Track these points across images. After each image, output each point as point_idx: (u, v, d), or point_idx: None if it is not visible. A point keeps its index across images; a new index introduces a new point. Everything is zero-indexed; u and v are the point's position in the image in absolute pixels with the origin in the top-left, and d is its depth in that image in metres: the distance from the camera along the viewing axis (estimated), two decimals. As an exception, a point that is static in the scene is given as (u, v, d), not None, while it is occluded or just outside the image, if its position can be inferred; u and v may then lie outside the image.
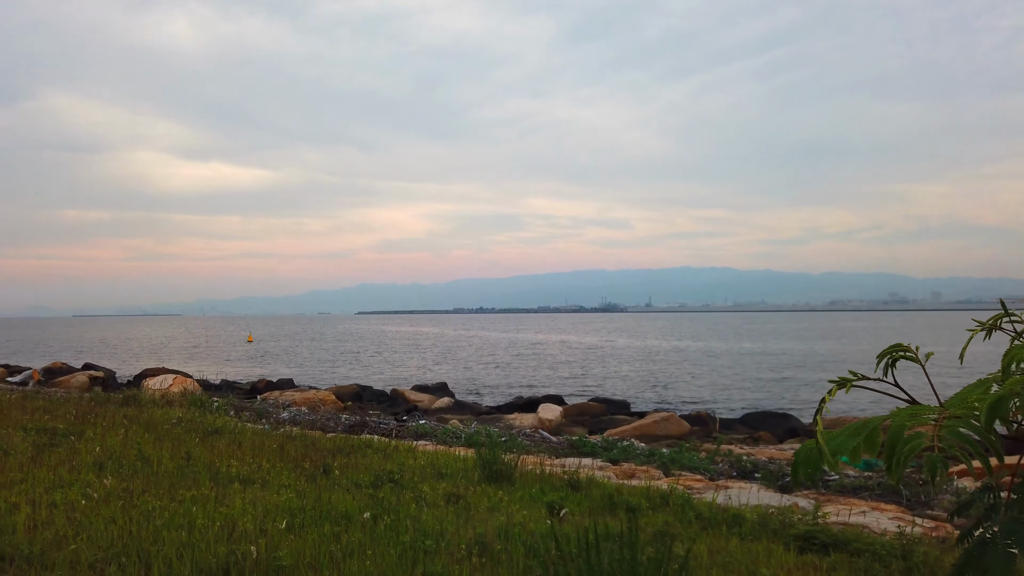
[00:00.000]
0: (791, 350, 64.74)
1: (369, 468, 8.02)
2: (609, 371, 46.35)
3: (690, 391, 35.14)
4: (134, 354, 71.35)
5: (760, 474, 10.34)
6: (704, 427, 22.22)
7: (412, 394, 29.82)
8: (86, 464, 6.98)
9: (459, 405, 26.96)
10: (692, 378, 40.98)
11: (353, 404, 28.52)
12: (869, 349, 64.52)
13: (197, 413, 14.61)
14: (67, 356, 66.29)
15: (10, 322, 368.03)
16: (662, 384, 38.35)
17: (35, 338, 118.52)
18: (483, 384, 40.21)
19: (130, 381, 41.40)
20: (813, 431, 2.67)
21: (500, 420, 23.45)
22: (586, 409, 25.41)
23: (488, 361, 55.95)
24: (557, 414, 22.26)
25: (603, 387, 37.70)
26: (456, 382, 39.15)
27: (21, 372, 40.03)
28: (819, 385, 36.29)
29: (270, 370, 51.29)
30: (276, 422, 16.71)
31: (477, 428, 13.95)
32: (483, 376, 44.41)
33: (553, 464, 10.57)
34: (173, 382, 31.66)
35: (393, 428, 14.08)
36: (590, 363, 53.08)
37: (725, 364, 50.26)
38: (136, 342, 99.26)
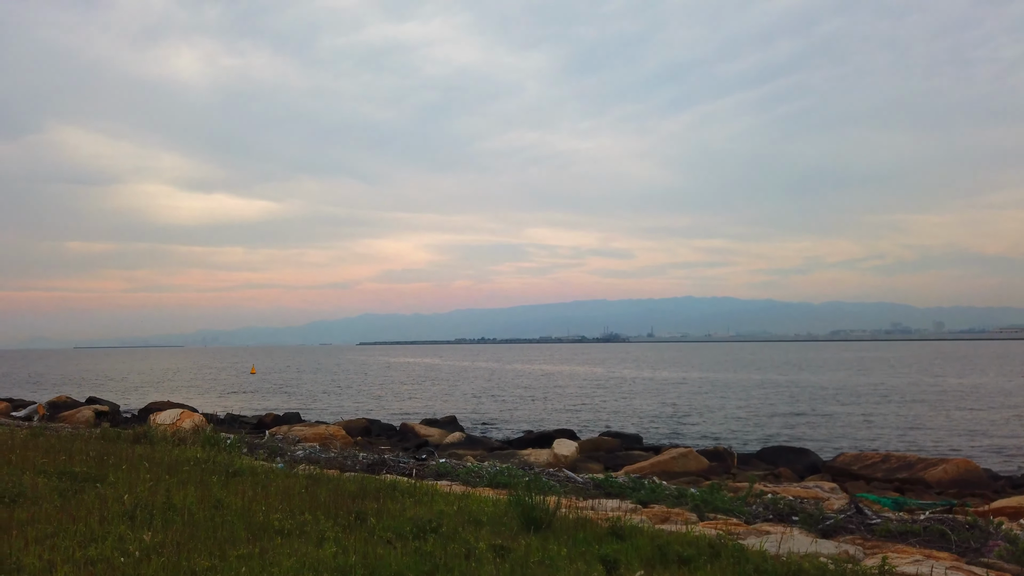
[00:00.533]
0: (800, 381, 64.26)
1: (404, 515, 7.75)
2: (618, 404, 45.91)
3: (702, 424, 34.73)
4: (137, 387, 70.94)
5: (798, 517, 10.03)
6: (722, 463, 21.84)
7: (422, 428, 29.45)
8: (116, 514, 6.72)
9: (471, 440, 26.57)
10: (703, 411, 40.54)
11: (363, 439, 28.14)
12: (879, 381, 64.09)
13: (213, 452, 14.32)
14: (70, 389, 65.86)
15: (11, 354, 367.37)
16: (673, 417, 37.92)
17: (36, 370, 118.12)
18: (492, 417, 39.80)
19: (135, 415, 41.03)
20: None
21: (514, 456, 23.07)
22: (600, 444, 25.02)
23: (495, 394, 55.51)
24: (572, 450, 21.88)
25: (613, 420, 37.29)
26: (464, 415, 38.76)
27: (26, 407, 39.67)
28: (834, 418, 35.88)
29: (275, 403, 50.88)
30: (291, 460, 16.39)
31: (500, 468, 13.63)
32: (491, 409, 44.00)
33: (584, 507, 10.27)
34: (180, 417, 31.31)
35: (413, 467, 13.77)
36: (598, 395, 52.64)
37: (735, 396, 49.81)
38: (138, 374, 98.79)
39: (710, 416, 37.93)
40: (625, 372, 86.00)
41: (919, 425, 32.76)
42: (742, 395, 50.58)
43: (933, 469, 18.45)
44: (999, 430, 30.49)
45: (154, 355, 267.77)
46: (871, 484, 18.73)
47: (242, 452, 18.06)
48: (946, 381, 62.77)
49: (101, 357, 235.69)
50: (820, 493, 15.48)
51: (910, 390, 53.16)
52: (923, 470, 18.59)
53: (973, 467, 18.93)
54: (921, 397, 47.13)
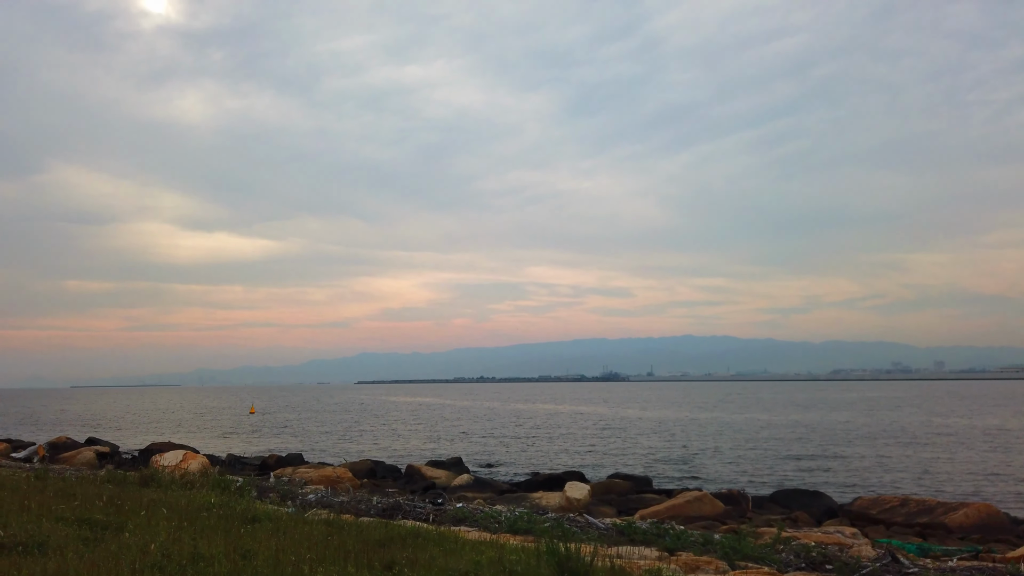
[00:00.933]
0: (807, 422, 63.72)
1: (434, 564, 7.53)
2: (624, 444, 45.40)
3: (712, 466, 34.28)
4: (136, 427, 70.25)
5: (833, 566, 9.77)
6: (737, 507, 21.47)
7: (428, 470, 29.02)
8: (145, 565, 6.52)
9: (479, 482, 26.15)
10: (711, 452, 40.07)
11: (369, 481, 27.73)
12: (887, 422, 63.54)
13: (227, 497, 14.05)
14: (68, 429, 65.16)
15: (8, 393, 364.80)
16: (682, 459, 37.46)
17: (34, 410, 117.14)
18: (497, 459, 39.31)
19: (135, 456, 40.51)
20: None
21: (525, 499, 22.68)
22: (612, 487, 24.63)
23: (499, 434, 54.94)
24: (585, 493, 21.51)
25: (621, 462, 36.83)
26: (469, 456, 38.29)
27: (25, 447, 39.17)
28: (846, 460, 35.44)
29: (276, 444, 50.31)
30: (303, 504, 16.07)
31: (519, 513, 13.35)
32: (496, 450, 43.49)
33: (612, 555, 10.01)
34: (184, 458, 30.90)
35: (430, 512, 13.48)
36: (603, 436, 52.10)
37: (743, 437, 49.31)
38: (135, 414, 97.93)
39: (719, 458, 37.48)
40: (629, 412, 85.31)
41: (933, 467, 32.35)
42: (750, 436, 50.09)
43: (954, 514, 18.13)
44: (1017, 473, 30.10)
45: (151, 394, 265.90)
46: (891, 529, 18.39)
47: (251, 495, 17.78)
48: (956, 422, 62.27)
49: (98, 396, 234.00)
50: (842, 539, 15.15)
51: (920, 431, 52.69)
52: (944, 515, 18.27)
53: (995, 511, 18.61)
54: (931, 438, 46.68)
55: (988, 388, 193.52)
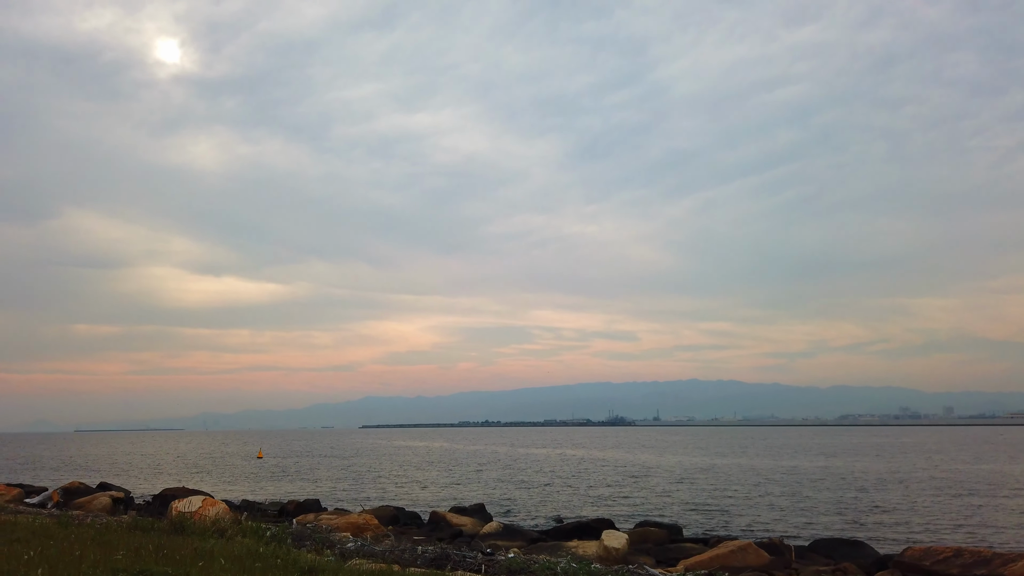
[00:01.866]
0: (830, 468, 62.59)
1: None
2: (646, 490, 44.47)
3: (741, 513, 33.44)
4: (145, 472, 69.36)
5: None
6: (781, 557, 20.75)
7: (454, 517, 28.31)
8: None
9: (509, 530, 25.41)
10: (739, 499, 39.17)
11: (394, 528, 26.99)
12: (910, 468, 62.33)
13: (272, 546, 13.55)
14: (76, 474, 64.27)
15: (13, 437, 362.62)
16: (707, 506, 36.60)
17: (40, 454, 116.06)
18: (517, 505, 38.49)
19: (148, 502, 39.76)
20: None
21: (560, 548, 21.99)
22: (648, 535, 23.91)
23: (516, 479, 53.95)
24: (623, 542, 20.81)
25: (645, 508, 36.01)
26: (488, 502, 37.48)
27: (38, 493, 38.44)
28: (878, 508, 34.53)
29: (289, 489, 49.49)
30: (343, 553, 15.51)
31: (574, 565, 12.81)
32: (515, 496, 42.60)
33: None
34: (202, 504, 30.25)
35: (482, 563, 12.94)
36: (623, 481, 51.11)
37: (767, 483, 48.31)
38: (143, 459, 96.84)
39: (747, 505, 36.60)
40: (645, 457, 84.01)
41: (971, 515, 31.48)
42: (775, 482, 49.09)
43: (1013, 565, 17.41)
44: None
45: (157, 438, 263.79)
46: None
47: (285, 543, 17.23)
48: (983, 468, 61.07)
49: (103, 441, 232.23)
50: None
51: (949, 478, 51.65)
52: (1002, 566, 17.55)
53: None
54: (963, 485, 45.67)
55: (1001, 434, 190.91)
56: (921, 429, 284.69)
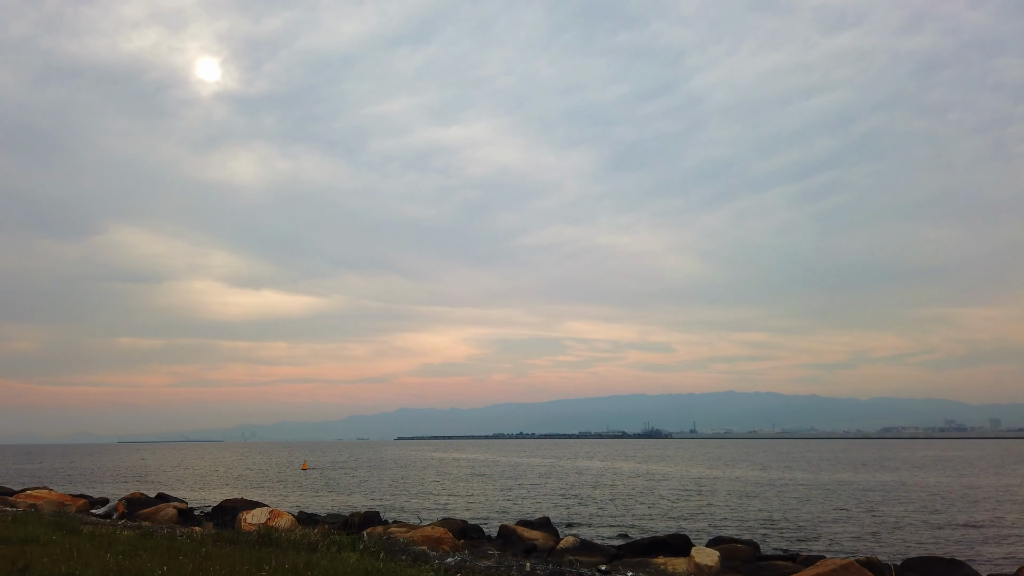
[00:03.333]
0: (889, 483, 60.69)
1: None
2: (710, 504, 43.35)
3: (816, 530, 32.30)
4: (195, 482, 69.84)
5: None
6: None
7: (525, 531, 27.69)
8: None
9: (586, 545, 24.71)
10: (804, 512, 37.94)
11: (466, 542, 26.47)
12: (979, 481, 60.14)
13: (378, 561, 13.11)
14: (128, 485, 64.99)
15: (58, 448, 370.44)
16: (778, 521, 35.46)
17: (87, 465, 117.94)
18: (578, 518, 37.70)
19: (208, 512, 39.73)
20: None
21: (647, 564, 21.28)
22: (735, 552, 23.04)
23: (571, 492, 53.10)
24: (715, 559, 20.05)
25: (710, 523, 35.02)
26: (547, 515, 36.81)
27: (103, 504, 38.76)
28: (960, 524, 33.10)
29: (340, 501, 49.35)
30: (444, 569, 15.02)
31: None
32: (576, 509, 41.81)
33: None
34: (271, 516, 30.10)
35: (600, 581, 12.32)
36: (678, 494, 49.99)
37: (832, 497, 46.85)
38: (189, 469, 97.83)
39: (819, 520, 35.40)
40: (695, 470, 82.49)
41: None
42: (839, 496, 47.64)
43: None
44: None
45: (198, 450, 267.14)
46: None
47: (378, 557, 16.80)
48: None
49: (146, 451, 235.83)
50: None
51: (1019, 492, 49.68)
52: None
53: None
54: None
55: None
56: (968, 442, 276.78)
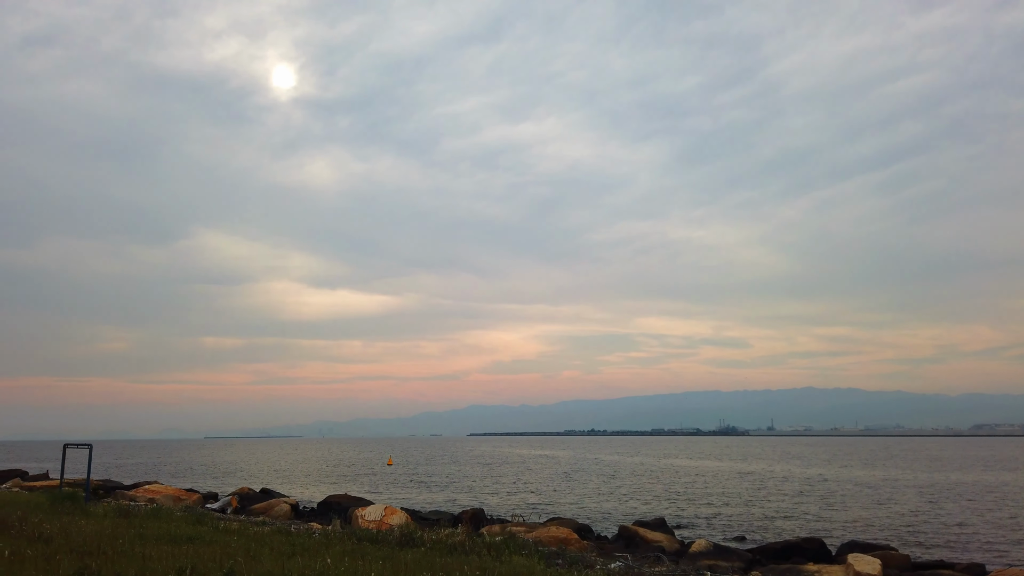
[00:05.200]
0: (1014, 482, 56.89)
1: None
2: (825, 507, 41.20)
3: (956, 535, 30.07)
4: (289, 477, 71.06)
5: None
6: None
7: (648, 533, 26.54)
8: None
9: (720, 550, 23.40)
10: (934, 515, 35.52)
11: (591, 543, 25.54)
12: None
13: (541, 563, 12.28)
14: (233, 479, 66.72)
15: (149, 443, 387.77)
16: (913, 525, 33.26)
17: (184, 460, 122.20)
18: (688, 519, 36.25)
19: (314, 508, 39.94)
20: None
21: (797, 572, 19.88)
22: (891, 559, 21.37)
23: (668, 492, 51.56)
24: (876, 568, 18.51)
25: (845, 526, 33.08)
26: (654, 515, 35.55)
27: (213, 498, 39.51)
28: None
29: (434, 497, 49.15)
30: (607, 573, 14.11)
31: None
32: (685, 508, 40.35)
33: None
34: (385, 513, 29.83)
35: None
36: (800, 497, 47.74)
37: (956, 498, 43.97)
38: (279, 464, 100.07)
39: (963, 523, 33.01)
40: (794, 469, 79.48)
41: None
42: (964, 497, 44.70)
43: None
44: None
45: (281, 445, 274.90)
46: None
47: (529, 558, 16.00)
48: None
49: (232, 447, 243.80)
50: None
51: None
52: None
53: None
54: None
55: None
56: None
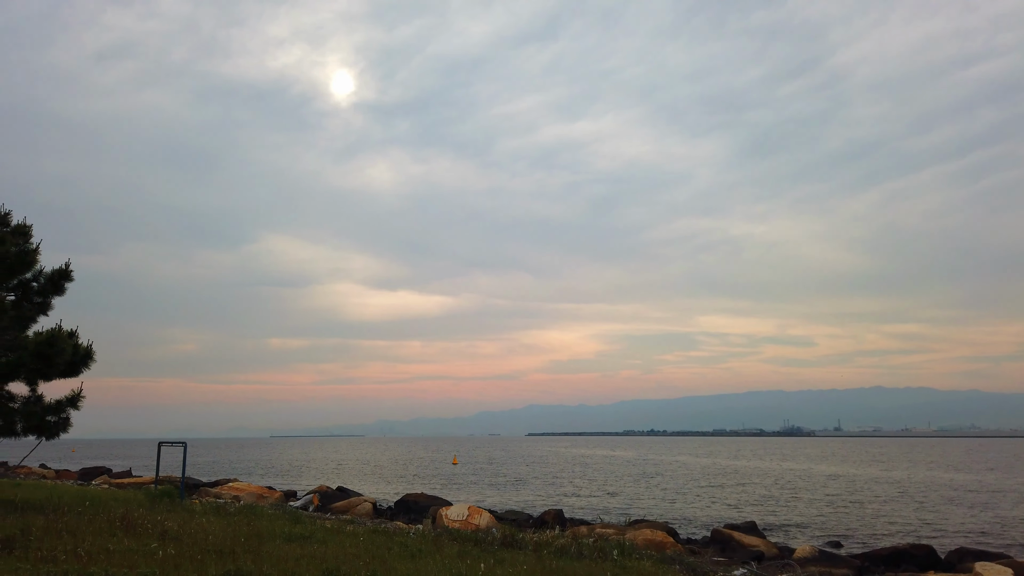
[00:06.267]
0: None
1: None
2: (924, 512, 39.29)
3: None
4: (360, 475, 71.76)
5: None
6: None
7: (744, 537, 25.53)
8: None
9: (826, 556, 22.30)
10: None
11: (686, 548, 24.70)
12: None
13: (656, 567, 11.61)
14: (306, 478, 67.76)
15: (218, 442, 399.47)
16: (1020, 531, 31.32)
17: (255, 458, 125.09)
18: (775, 522, 34.94)
19: (391, 507, 39.97)
20: None
21: (919, 581, 18.73)
22: (1021, 569, 19.94)
23: (749, 494, 50.07)
24: (1010, 577, 17.23)
25: (935, 530, 31.39)
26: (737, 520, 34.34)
27: (296, 497, 39.94)
28: None
29: (507, 497, 48.66)
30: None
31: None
32: (764, 511, 39.00)
33: None
34: (470, 512, 29.50)
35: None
36: (899, 500, 45.75)
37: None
38: (346, 462, 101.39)
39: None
40: (873, 471, 76.64)
41: None
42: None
43: None
44: None
45: (344, 444, 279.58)
46: None
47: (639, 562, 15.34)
48: None
49: (297, 445, 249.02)
50: None
51: None
52: None
53: None
54: None
55: None
56: None
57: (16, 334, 14.47)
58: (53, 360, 13.80)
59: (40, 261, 15.47)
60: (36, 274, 15.54)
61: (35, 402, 15.65)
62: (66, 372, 14.72)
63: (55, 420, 14.94)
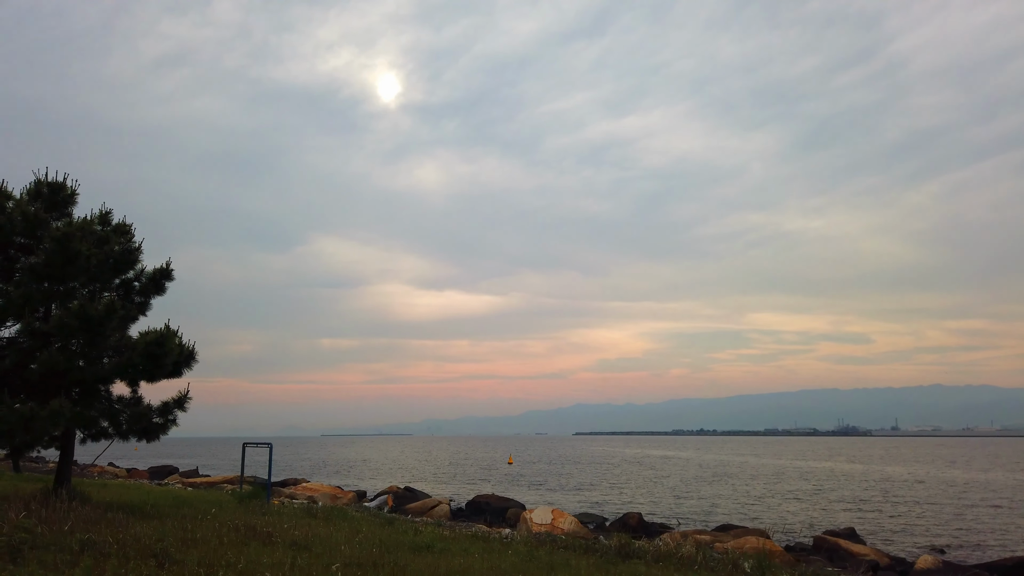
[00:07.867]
0: None
1: None
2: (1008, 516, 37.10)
3: None
4: (419, 475, 71.46)
5: None
6: None
7: (852, 545, 24.12)
8: None
9: (949, 567, 20.82)
10: None
11: (794, 556, 23.40)
12: None
13: None
14: (368, 476, 67.78)
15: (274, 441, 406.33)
16: None
17: (311, 457, 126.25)
18: (870, 529, 33.25)
19: (462, 508, 39.34)
20: None
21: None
22: None
23: (836, 498, 48.15)
24: None
25: None
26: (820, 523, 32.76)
27: (370, 497, 39.68)
28: None
29: (581, 498, 47.67)
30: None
31: None
32: (854, 516, 37.23)
33: None
34: (554, 516, 28.65)
35: None
36: (962, 502, 43.57)
37: None
38: (402, 462, 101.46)
39: None
40: (952, 472, 73.53)
41: None
42: None
43: None
44: None
45: (395, 443, 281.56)
46: None
47: None
48: None
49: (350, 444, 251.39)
50: None
51: None
52: None
53: None
54: None
55: None
56: None
57: (122, 334, 14.08)
58: (161, 361, 13.41)
59: (142, 260, 15.11)
60: (138, 273, 15.20)
61: (136, 403, 15.28)
62: (171, 373, 14.30)
63: (162, 422, 14.53)
